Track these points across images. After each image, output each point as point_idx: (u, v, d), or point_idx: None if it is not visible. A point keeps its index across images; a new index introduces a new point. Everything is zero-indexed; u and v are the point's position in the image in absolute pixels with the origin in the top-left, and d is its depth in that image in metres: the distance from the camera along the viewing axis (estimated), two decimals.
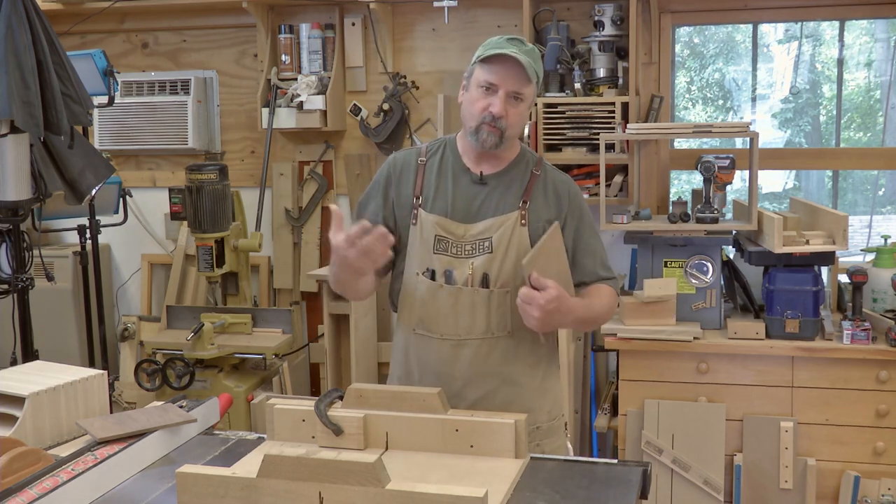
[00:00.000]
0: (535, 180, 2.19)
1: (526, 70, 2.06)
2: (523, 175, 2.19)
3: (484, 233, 2.13)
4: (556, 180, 2.22)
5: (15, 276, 3.26)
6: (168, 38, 4.57)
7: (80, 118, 3.09)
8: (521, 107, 2.12)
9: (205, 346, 3.72)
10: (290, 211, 4.44)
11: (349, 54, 4.28)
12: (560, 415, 2.28)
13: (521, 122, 2.15)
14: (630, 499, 1.73)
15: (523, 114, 2.14)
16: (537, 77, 2.13)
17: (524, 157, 2.23)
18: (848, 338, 3.26)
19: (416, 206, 2.17)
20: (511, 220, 2.13)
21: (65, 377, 2.08)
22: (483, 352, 2.13)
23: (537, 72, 2.12)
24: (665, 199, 4.05)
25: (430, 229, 2.14)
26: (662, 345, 3.38)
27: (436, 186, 2.17)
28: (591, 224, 2.25)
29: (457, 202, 2.15)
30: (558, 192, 2.20)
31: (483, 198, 2.16)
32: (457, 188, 2.17)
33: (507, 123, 2.10)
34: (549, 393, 2.23)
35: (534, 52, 2.12)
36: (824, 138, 4.56)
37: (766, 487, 3.35)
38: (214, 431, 2.18)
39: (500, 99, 2.08)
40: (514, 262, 2.10)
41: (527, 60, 2.06)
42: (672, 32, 4.05)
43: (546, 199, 2.18)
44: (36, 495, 1.65)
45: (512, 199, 2.16)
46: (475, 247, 2.12)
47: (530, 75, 2.08)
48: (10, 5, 2.88)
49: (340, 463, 1.56)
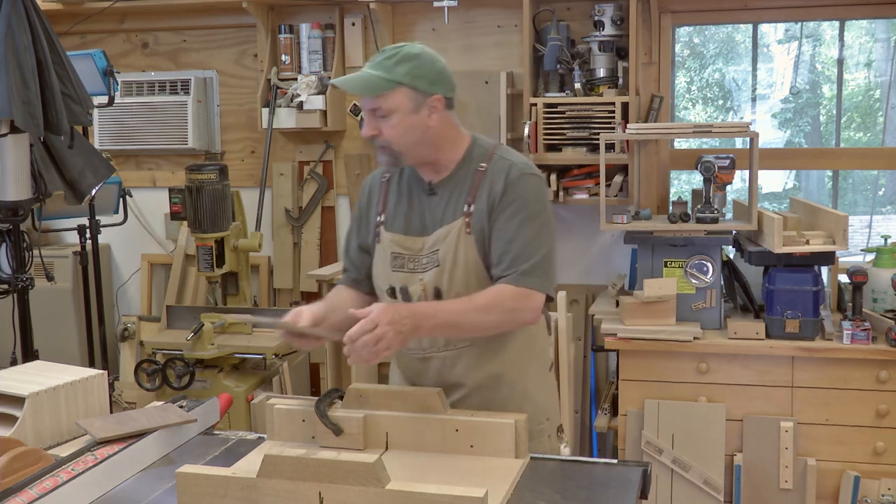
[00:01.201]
0: (481, 178, 2.07)
1: (367, 87, 1.98)
2: (467, 176, 2.09)
3: (434, 245, 2.08)
4: (497, 170, 2.06)
5: (15, 276, 3.26)
6: (168, 38, 4.57)
7: (80, 118, 3.08)
8: (393, 119, 2.00)
9: (205, 346, 3.72)
10: (290, 211, 4.44)
11: (349, 54, 4.28)
12: (545, 419, 2.20)
13: (402, 134, 2.01)
14: (630, 499, 1.73)
15: (400, 124, 2.00)
16: (399, 83, 1.98)
17: (472, 156, 2.11)
18: (848, 338, 3.26)
19: (379, 225, 2.16)
20: (455, 230, 2.06)
21: (65, 377, 2.08)
22: (448, 364, 2.12)
23: (395, 79, 1.98)
24: (665, 199, 4.05)
25: (387, 247, 2.13)
26: (662, 345, 3.38)
27: (396, 202, 2.16)
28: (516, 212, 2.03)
29: (412, 217, 2.12)
30: (494, 183, 2.05)
31: (434, 209, 2.10)
32: (412, 202, 2.13)
33: (387, 140, 2.02)
34: (530, 398, 2.16)
35: (391, 58, 1.99)
36: (824, 138, 4.56)
37: (766, 487, 3.35)
38: (214, 431, 2.18)
39: (365, 121, 2.04)
40: (464, 273, 2.05)
41: (359, 80, 1.99)
42: (672, 32, 4.05)
43: (484, 194, 2.06)
44: (36, 495, 1.65)
45: (456, 205, 2.08)
46: (429, 260, 2.08)
47: (365, 93, 1.99)
48: (10, 5, 2.88)
49: (340, 463, 1.56)
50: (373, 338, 1.81)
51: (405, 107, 2.01)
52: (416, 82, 2.01)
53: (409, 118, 2.02)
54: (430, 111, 2.03)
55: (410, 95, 2.01)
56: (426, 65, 2.03)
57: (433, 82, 2.03)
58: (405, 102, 2.00)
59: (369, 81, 1.99)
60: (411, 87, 2.00)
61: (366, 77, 2.00)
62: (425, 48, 2.07)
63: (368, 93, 1.99)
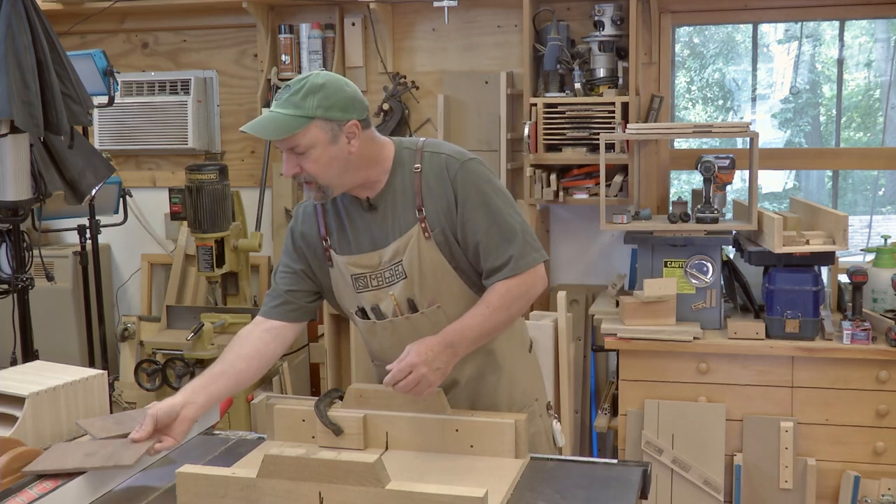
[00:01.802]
0: (419, 179, 2.02)
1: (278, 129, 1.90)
2: (405, 182, 2.03)
3: (394, 257, 2.04)
4: (435, 167, 2.02)
5: (15, 276, 3.26)
6: (168, 38, 4.57)
7: (80, 118, 3.08)
8: (312, 154, 1.93)
9: (205, 346, 3.72)
10: (290, 211, 4.44)
11: (349, 54, 4.28)
12: (534, 400, 2.21)
13: (324, 167, 1.95)
14: (630, 499, 1.73)
15: (321, 157, 1.93)
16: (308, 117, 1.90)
17: (401, 161, 2.05)
18: (848, 338, 3.26)
19: (328, 248, 2.11)
20: (413, 238, 2.01)
21: (65, 377, 2.08)
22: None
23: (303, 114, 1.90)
24: (665, 199, 4.05)
25: (344, 270, 2.09)
26: (662, 345, 3.38)
27: (337, 226, 2.10)
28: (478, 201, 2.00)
29: (359, 236, 2.07)
30: (439, 180, 2.01)
31: (379, 223, 2.05)
32: (353, 222, 2.08)
33: (311, 175, 1.95)
34: (516, 382, 2.17)
35: (297, 93, 1.91)
36: (824, 138, 4.55)
37: (766, 487, 3.35)
38: (214, 431, 2.18)
39: (285, 161, 1.98)
40: (432, 278, 2.03)
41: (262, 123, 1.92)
42: (672, 32, 4.05)
43: (433, 195, 2.01)
44: (36, 495, 1.65)
45: (404, 213, 2.02)
46: (392, 273, 2.05)
47: (285, 129, 1.90)
48: (10, 5, 2.88)
49: (340, 463, 1.56)
50: (412, 381, 1.85)
51: (322, 139, 1.93)
52: (328, 113, 1.92)
53: (329, 150, 1.94)
54: (349, 137, 1.96)
55: (325, 127, 1.92)
56: (335, 92, 1.93)
57: (345, 109, 1.94)
58: (321, 135, 1.92)
59: (279, 122, 1.90)
60: (325, 118, 1.92)
61: (274, 118, 1.91)
62: (330, 74, 1.98)
63: (281, 135, 1.91)
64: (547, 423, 2.25)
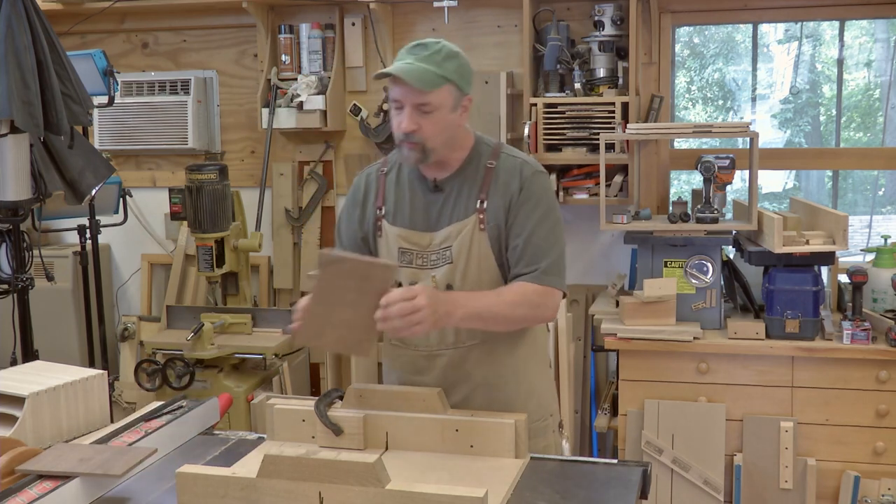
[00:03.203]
0: (490, 175, 2.08)
1: (424, 81, 1.94)
2: (476, 173, 2.10)
3: (445, 241, 2.08)
4: (509, 167, 2.09)
5: (15, 276, 3.26)
6: (168, 38, 4.57)
7: (80, 118, 3.08)
8: (435, 115, 1.98)
9: (205, 346, 3.72)
10: (290, 211, 4.44)
11: (349, 54, 4.28)
12: (549, 415, 2.23)
13: (440, 131, 2.01)
14: (630, 499, 1.73)
15: (441, 120, 2.00)
16: (448, 79, 1.98)
17: (478, 153, 2.12)
18: (848, 338, 3.26)
19: (380, 218, 2.15)
20: (469, 227, 2.06)
21: (65, 377, 2.08)
22: (456, 361, 2.13)
23: (445, 75, 1.97)
24: (665, 199, 4.05)
25: (393, 241, 2.12)
26: (662, 345, 3.38)
27: (396, 198, 2.14)
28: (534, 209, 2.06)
29: (416, 212, 2.11)
30: (509, 180, 2.07)
31: (440, 205, 2.10)
32: (415, 198, 2.13)
33: (424, 136, 1.99)
34: (534, 395, 2.19)
35: (437, 54, 1.97)
36: (824, 138, 4.56)
37: (766, 487, 3.35)
38: (214, 431, 2.18)
39: (406, 115, 1.99)
40: (476, 269, 2.06)
41: (417, 72, 1.94)
42: (672, 32, 4.05)
43: (499, 192, 2.07)
44: (36, 495, 1.65)
45: (467, 201, 2.08)
46: (439, 256, 2.08)
47: (422, 87, 1.95)
48: (10, 5, 2.88)
49: (340, 463, 1.56)
50: (410, 307, 1.80)
51: (448, 104, 2.00)
52: (460, 81, 2.01)
53: (448, 116, 2.02)
54: (462, 111, 2.05)
55: (454, 94, 2.01)
56: (465, 65, 2.05)
57: (469, 82, 2.06)
58: (448, 100, 2.00)
59: (425, 75, 1.95)
60: (456, 85, 2.00)
61: (423, 70, 1.95)
62: (455, 45, 2.06)
63: (425, 86, 1.95)
64: (558, 440, 2.27)
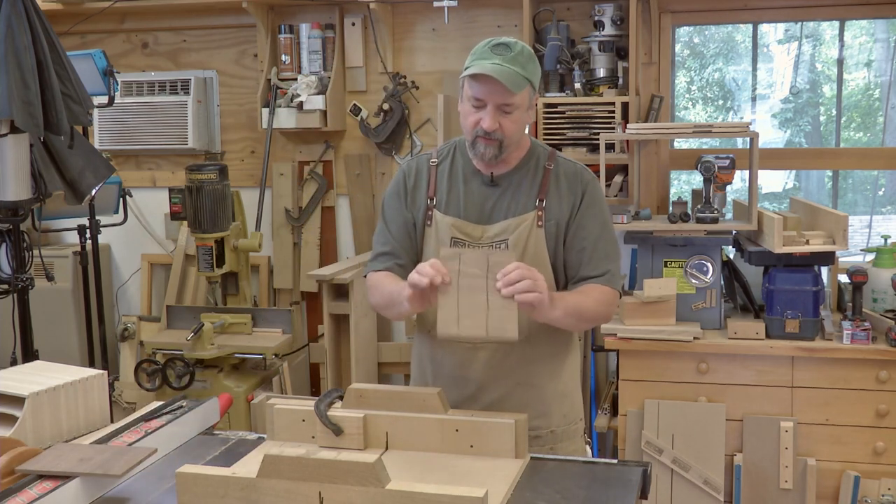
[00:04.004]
0: (549, 176, 2.14)
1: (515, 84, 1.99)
2: (535, 172, 2.15)
3: (500, 234, 2.10)
4: (569, 171, 2.16)
5: (15, 276, 3.26)
6: (168, 38, 4.57)
7: (80, 118, 3.08)
8: (515, 114, 2.05)
9: (205, 346, 3.72)
10: (290, 211, 4.44)
11: (349, 54, 4.28)
12: (579, 419, 2.26)
13: (518, 129, 2.08)
14: (630, 499, 1.73)
15: (519, 119, 2.07)
16: (529, 81, 2.04)
17: (535, 153, 2.17)
18: (848, 338, 3.26)
19: (431, 208, 2.16)
20: (528, 222, 2.10)
21: (65, 377, 2.07)
22: (499, 356, 2.13)
23: (528, 77, 2.03)
24: (665, 199, 4.05)
25: (445, 230, 2.13)
26: (662, 345, 3.38)
27: (448, 189, 2.16)
28: (598, 214, 2.15)
29: (470, 205, 2.14)
30: (571, 184, 2.14)
31: (496, 199, 2.13)
32: (469, 191, 2.15)
33: (504, 134, 2.05)
34: (568, 397, 2.22)
35: (521, 55, 2.02)
36: (824, 138, 4.56)
37: (766, 487, 3.35)
38: (214, 431, 2.18)
39: (490, 114, 2.02)
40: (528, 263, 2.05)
41: (509, 74, 1.98)
42: (672, 32, 4.05)
43: (559, 194, 2.14)
44: (36, 495, 1.65)
45: (525, 198, 2.12)
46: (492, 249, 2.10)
47: (514, 89, 1.99)
48: (10, 5, 2.88)
49: (340, 463, 1.56)
50: (529, 273, 1.85)
51: (525, 104, 2.07)
52: (536, 82, 2.08)
53: (525, 115, 2.08)
54: (531, 109, 2.11)
55: (531, 94, 2.07)
56: (538, 67, 2.10)
57: (538, 83, 2.11)
58: (527, 100, 2.06)
59: (515, 78, 2.00)
60: (533, 86, 2.07)
61: (512, 73, 1.99)
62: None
63: (515, 88, 1.99)
64: (584, 446, 2.29)
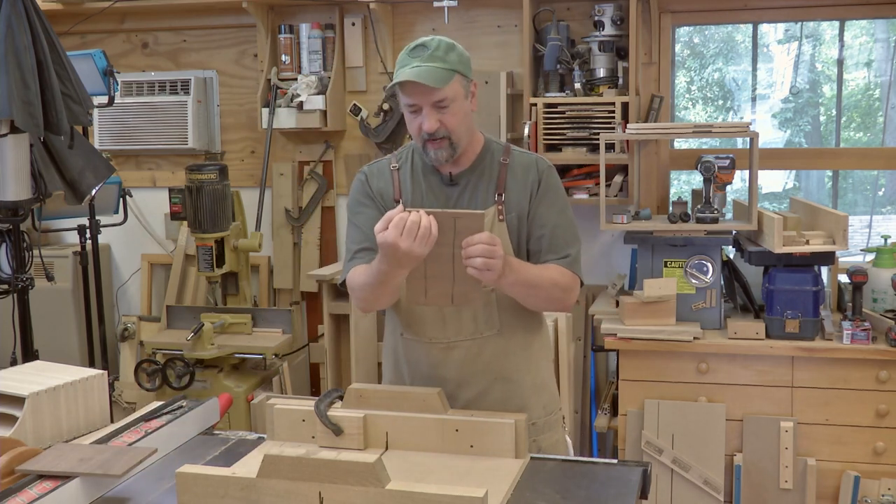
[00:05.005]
0: (505, 170, 2.14)
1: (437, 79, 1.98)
2: (491, 168, 2.15)
3: None
4: (524, 162, 2.16)
5: (15, 276, 3.26)
6: (168, 38, 4.57)
7: (80, 118, 3.08)
8: (452, 107, 2.03)
9: (205, 346, 3.72)
10: (290, 211, 4.44)
11: (349, 54, 4.28)
12: (557, 409, 2.27)
13: (461, 121, 2.06)
14: (630, 499, 1.73)
15: (459, 111, 2.05)
16: (456, 71, 2.02)
17: (490, 150, 2.17)
18: (848, 338, 3.26)
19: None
20: (489, 217, 2.09)
21: (65, 377, 2.08)
22: (473, 352, 2.13)
23: (451, 68, 2.01)
24: (665, 199, 4.05)
25: None
26: (662, 345, 3.38)
27: (412, 191, 2.16)
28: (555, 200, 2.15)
29: (433, 204, 2.13)
30: (527, 174, 2.14)
31: (456, 198, 2.14)
32: (430, 191, 2.15)
33: (448, 129, 2.04)
34: (545, 388, 2.23)
35: (437, 50, 2.01)
36: (824, 138, 4.56)
37: (766, 487, 3.35)
38: (214, 431, 2.18)
39: (427, 116, 2.02)
40: None
41: (428, 73, 1.97)
42: (672, 32, 4.05)
43: (517, 186, 2.13)
44: (36, 495, 1.65)
45: (484, 194, 2.13)
46: None
47: (438, 85, 1.98)
48: (10, 5, 2.88)
49: (340, 463, 1.56)
50: (490, 251, 1.83)
51: (460, 93, 2.05)
52: (465, 69, 2.06)
53: (464, 105, 2.07)
54: (471, 97, 2.10)
55: (462, 82, 2.06)
56: (463, 52, 2.09)
57: (470, 68, 2.10)
58: (460, 90, 2.05)
59: (437, 73, 1.99)
60: (462, 74, 2.05)
61: (432, 70, 1.99)
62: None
63: (441, 83, 1.99)
64: (562, 435, 2.29)
